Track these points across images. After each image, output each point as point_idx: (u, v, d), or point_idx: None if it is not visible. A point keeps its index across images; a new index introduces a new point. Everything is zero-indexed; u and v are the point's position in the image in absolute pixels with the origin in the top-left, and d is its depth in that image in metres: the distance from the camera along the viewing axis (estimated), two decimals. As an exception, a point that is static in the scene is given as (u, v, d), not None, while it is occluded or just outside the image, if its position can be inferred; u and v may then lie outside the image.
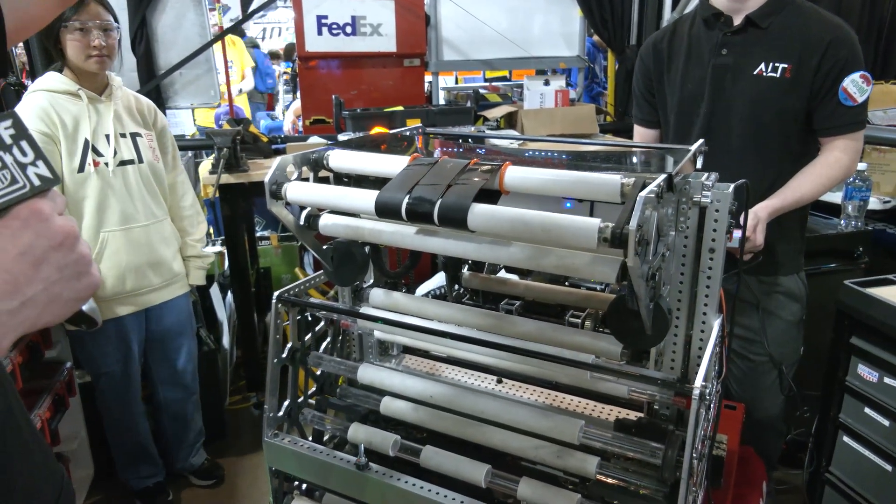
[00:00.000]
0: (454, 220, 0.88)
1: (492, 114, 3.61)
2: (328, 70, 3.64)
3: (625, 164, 1.23)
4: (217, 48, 3.62)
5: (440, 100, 4.21)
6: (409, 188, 0.93)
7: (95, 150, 1.97)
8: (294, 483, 1.29)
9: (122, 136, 2.03)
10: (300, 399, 1.29)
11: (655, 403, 1.09)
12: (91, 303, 0.61)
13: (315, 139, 3.18)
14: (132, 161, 2.04)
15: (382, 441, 1.13)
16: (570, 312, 1.24)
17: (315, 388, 1.33)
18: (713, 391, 1.02)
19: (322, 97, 3.49)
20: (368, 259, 1.22)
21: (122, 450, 2.32)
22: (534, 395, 1.33)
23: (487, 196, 0.93)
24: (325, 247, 1.15)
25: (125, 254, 2.04)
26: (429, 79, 4.09)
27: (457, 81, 6.36)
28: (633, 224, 0.74)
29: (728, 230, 0.99)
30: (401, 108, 3.29)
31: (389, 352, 1.50)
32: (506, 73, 5.77)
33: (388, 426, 1.21)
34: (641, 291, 0.82)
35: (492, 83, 5.51)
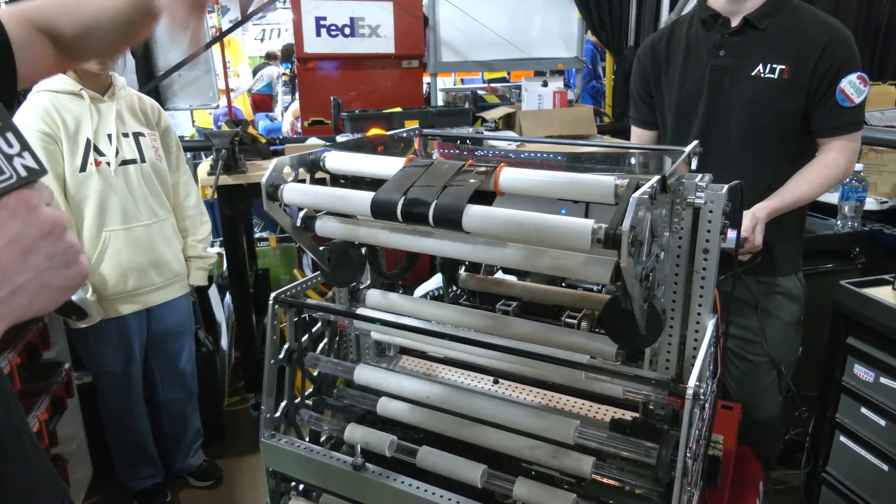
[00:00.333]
0: (449, 222, 0.89)
1: (490, 115, 3.61)
2: (327, 71, 3.65)
3: (621, 166, 1.24)
4: (216, 50, 3.63)
5: (439, 101, 4.22)
6: (405, 189, 0.93)
7: (97, 150, 1.97)
8: (291, 483, 1.30)
9: (125, 136, 2.04)
10: (297, 400, 1.29)
11: (650, 403, 1.09)
12: (81, 293, 0.62)
13: (313, 140, 3.18)
14: (134, 161, 2.05)
15: (379, 441, 1.13)
16: (567, 313, 1.25)
17: (312, 389, 1.33)
18: (708, 391, 1.02)
19: (321, 98, 3.50)
20: (365, 260, 1.23)
21: (122, 450, 2.32)
22: (530, 396, 1.34)
23: (483, 197, 0.93)
24: (322, 248, 1.16)
25: (127, 253, 2.05)
26: (427, 80, 4.09)
27: (455, 83, 6.37)
28: (626, 225, 0.74)
29: (722, 231, 0.99)
30: (399, 110, 3.30)
31: (386, 353, 1.50)
32: (504, 75, 5.78)
33: (385, 427, 1.22)
34: (635, 292, 0.83)
35: (490, 84, 5.52)
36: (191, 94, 3.59)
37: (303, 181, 1.10)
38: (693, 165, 1.08)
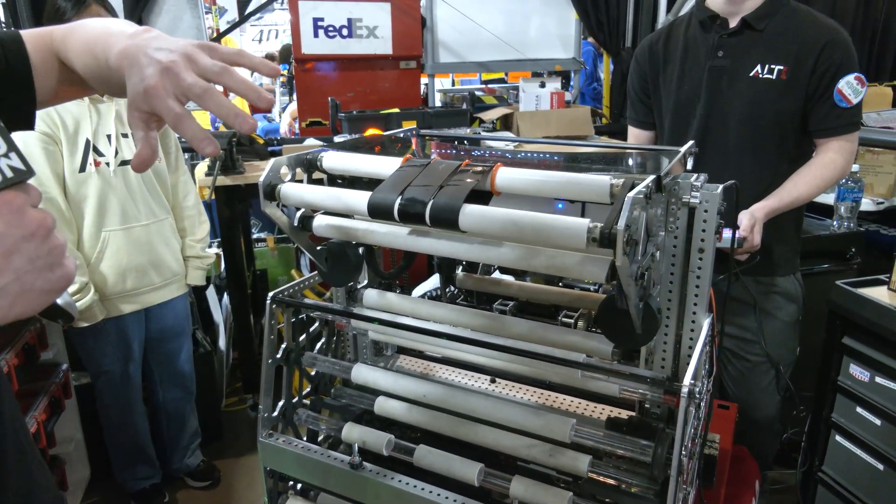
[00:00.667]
0: (445, 221, 0.89)
1: (487, 116, 3.62)
2: (325, 72, 3.65)
3: (618, 166, 1.24)
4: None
5: (436, 102, 4.22)
6: (402, 189, 0.93)
7: (96, 150, 1.98)
8: (289, 483, 1.30)
9: (124, 136, 2.04)
10: (295, 399, 1.29)
11: (646, 402, 1.10)
12: (66, 296, 0.62)
13: (311, 141, 3.19)
14: None
15: (376, 440, 1.14)
16: (564, 313, 1.25)
17: (310, 389, 1.34)
18: (703, 390, 1.03)
19: (318, 99, 3.50)
20: (362, 260, 1.23)
21: (120, 450, 2.32)
22: (527, 395, 1.34)
23: (479, 197, 0.93)
24: (320, 248, 1.16)
25: (126, 253, 2.06)
26: (425, 81, 4.10)
27: (453, 83, 6.38)
28: (622, 224, 0.75)
29: (717, 230, 1.00)
30: (397, 110, 3.31)
31: (384, 352, 1.50)
32: (502, 76, 5.78)
33: (383, 426, 1.22)
34: (631, 291, 0.83)
35: (488, 85, 5.52)
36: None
37: (300, 181, 1.10)
38: (689, 165, 1.08)
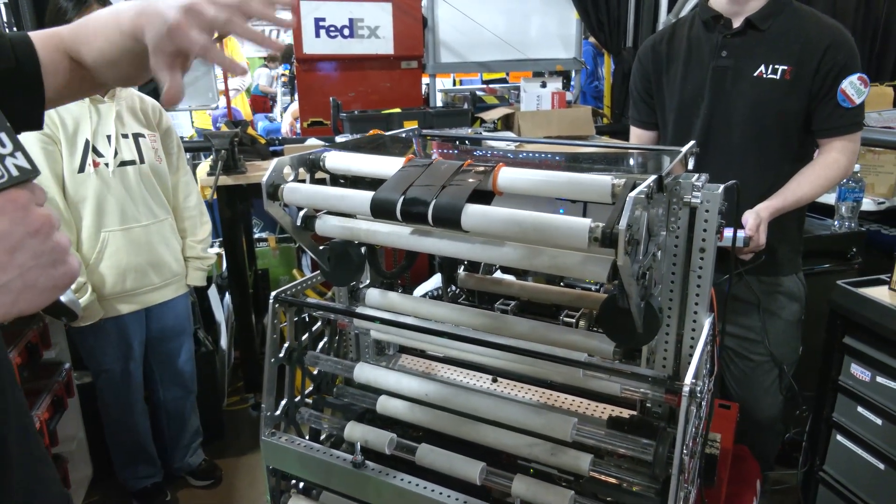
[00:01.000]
0: (448, 221, 0.90)
1: (489, 116, 3.62)
2: (326, 72, 3.65)
3: (619, 166, 1.25)
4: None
5: (437, 102, 4.23)
6: (404, 189, 0.94)
7: (96, 151, 1.98)
8: (291, 482, 1.30)
9: (124, 137, 2.04)
10: (297, 398, 1.30)
11: (647, 401, 1.10)
12: (70, 294, 0.63)
13: (313, 141, 3.19)
14: (133, 162, 2.06)
15: (378, 439, 1.14)
16: (565, 312, 1.26)
17: (312, 388, 1.34)
18: (704, 389, 1.03)
19: (320, 99, 3.50)
20: (365, 259, 1.23)
21: (121, 449, 2.33)
22: (528, 394, 1.34)
23: (481, 197, 0.94)
24: (322, 247, 1.17)
25: (125, 253, 2.06)
26: (426, 81, 4.10)
27: (454, 83, 6.38)
28: (623, 224, 0.75)
29: (718, 230, 1.00)
30: (398, 110, 3.31)
31: (386, 351, 1.51)
32: (503, 75, 5.78)
33: (385, 425, 1.22)
34: (632, 290, 0.84)
35: (489, 85, 5.53)
36: (190, 95, 3.59)
37: (302, 181, 1.10)
38: (690, 165, 1.09)
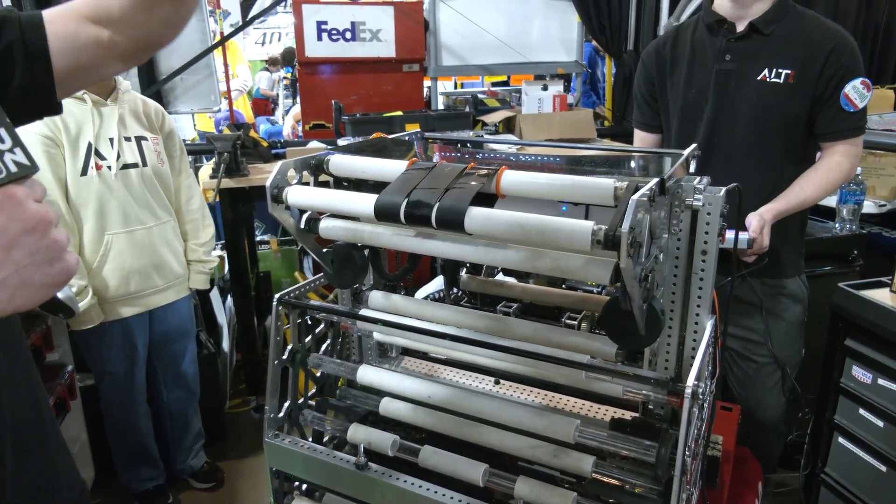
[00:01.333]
0: (451, 223, 0.90)
1: (490, 118, 3.63)
2: (328, 75, 3.67)
3: (621, 169, 1.25)
4: (217, 53, 3.65)
5: (439, 105, 4.24)
6: (408, 192, 0.94)
7: (98, 154, 1.99)
8: (294, 483, 1.31)
9: (127, 140, 2.05)
10: (300, 400, 1.30)
11: (650, 403, 1.11)
12: (67, 291, 0.63)
13: (315, 144, 3.20)
14: (136, 165, 2.06)
15: (381, 441, 1.15)
16: (567, 314, 1.26)
17: (315, 390, 1.35)
18: (706, 391, 1.03)
19: (322, 102, 3.52)
20: (368, 262, 1.24)
21: (124, 451, 2.33)
22: (531, 396, 1.35)
23: (484, 200, 0.94)
24: (325, 250, 1.17)
25: (129, 256, 2.07)
26: (428, 84, 4.11)
27: (456, 86, 6.39)
28: (626, 226, 0.76)
29: (720, 232, 1.01)
30: (400, 113, 3.32)
31: (388, 354, 1.51)
32: (504, 78, 5.80)
33: (387, 427, 1.23)
34: (634, 292, 0.84)
35: (490, 88, 5.54)
36: (192, 98, 3.61)
37: (306, 184, 1.11)
38: (692, 168, 1.09)
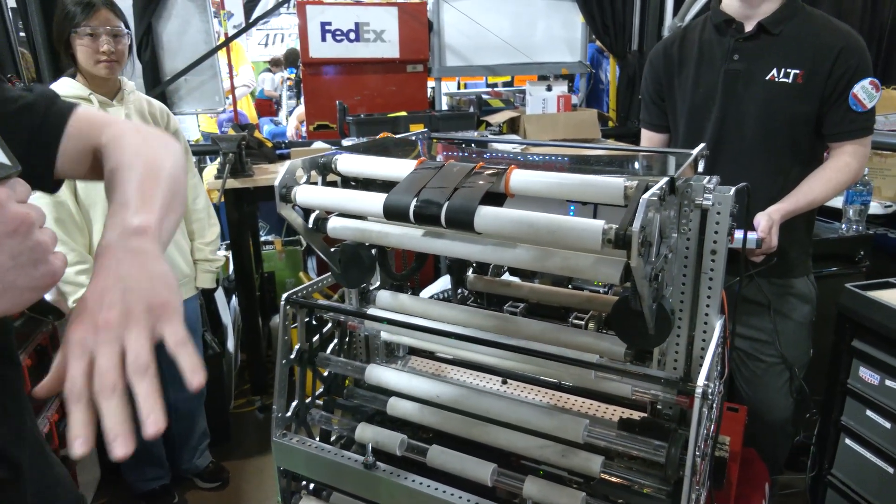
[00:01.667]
0: (461, 223, 0.90)
1: (494, 119, 3.63)
2: (332, 76, 3.67)
3: (628, 168, 1.25)
4: (222, 54, 3.65)
5: (443, 105, 4.24)
6: (417, 191, 0.94)
7: None
8: (302, 483, 1.31)
9: None
10: (308, 400, 1.30)
11: (658, 403, 1.10)
12: (55, 293, 0.62)
13: (319, 144, 3.21)
14: None
15: (389, 440, 1.14)
16: (574, 314, 1.26)
17: (322, 389, 1.35)
18: (715, 391, 1.03)
19: (326, 103, 3.52)
20: (375, 261, 1.24)
21: (129, 451, 2.33)
22: (538, 396, 1.35)
23: (493, 199, 0.94)
24: (333, 249, 1.17)
25: None
26: (432, 84, 4.11)
27: (459, 87, 6.39)
28: (637, 226, 0.75)
29: (729, 232, 1.00)
30: (404, 114, 3.32)
31: (396, 353, 1.51)
32: (508, 79, 5.79)
33: (395, 426, 1.23)
34: (644, 292, 0.84)
35: (494, 88, 5.54)
36: (197, 99, 3.62)
37: (314, 184, 1.11)
38: (700, 168, 1.09)
